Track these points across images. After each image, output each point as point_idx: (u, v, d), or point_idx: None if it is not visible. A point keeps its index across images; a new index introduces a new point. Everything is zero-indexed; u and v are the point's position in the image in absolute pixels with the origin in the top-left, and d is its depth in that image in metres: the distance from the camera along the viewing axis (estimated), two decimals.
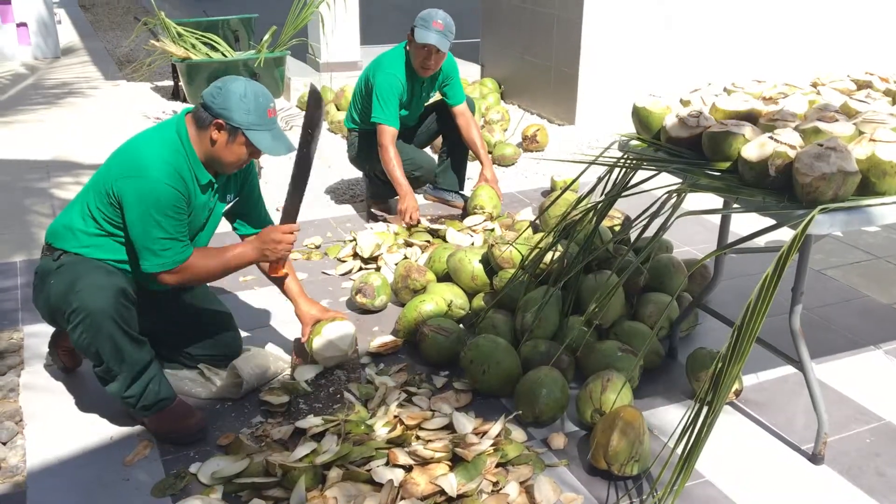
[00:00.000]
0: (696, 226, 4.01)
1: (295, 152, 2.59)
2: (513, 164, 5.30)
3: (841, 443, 2.53)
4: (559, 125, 6.28)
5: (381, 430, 2.44)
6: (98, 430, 2.56)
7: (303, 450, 2.33)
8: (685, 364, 2.82)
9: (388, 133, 3.96)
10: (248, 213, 2.80)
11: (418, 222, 3.94)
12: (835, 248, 3.99)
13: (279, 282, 2.84)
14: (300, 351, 2.87)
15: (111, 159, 2.50)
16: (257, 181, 2.82)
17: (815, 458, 2.44)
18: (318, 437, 2.44)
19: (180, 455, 2.44)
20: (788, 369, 2.81)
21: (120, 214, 2.41)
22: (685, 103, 2.65)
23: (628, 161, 2.58)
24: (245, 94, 2.41)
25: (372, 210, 4.29)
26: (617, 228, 3.35)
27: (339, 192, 4.77)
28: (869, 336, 3.16)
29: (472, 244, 3.73)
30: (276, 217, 3.00)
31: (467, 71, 7.19)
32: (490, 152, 5.36)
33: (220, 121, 2.40)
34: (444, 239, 3.82)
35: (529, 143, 5.54)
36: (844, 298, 3.48)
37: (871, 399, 2.75)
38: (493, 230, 3.87)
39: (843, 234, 4.12)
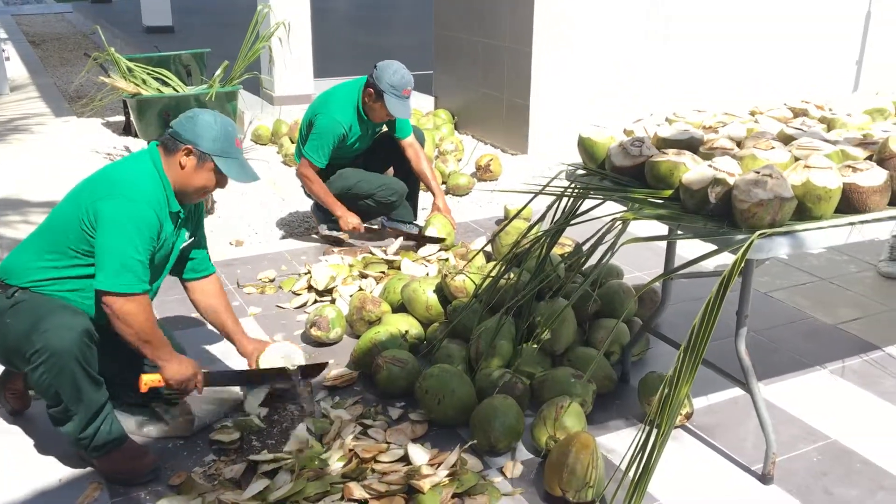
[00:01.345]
0: (646, 251, 4.08)
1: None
2: (467, 193, 5.35)
3: (790, 462, 2.58)
4: (512, 155, 6.36)
5: (336, 465, 2.42)
6: (47, 472, 2.50)
7: (255, 487, 2.31)
8: (637, 388, 2.86)
9: (312, 168, 4.11)
10: (195, 256, 2.83)
11: (365, 230, 4.19)
12: (780, 270, 4.09)
13: (213, 318, 2.88)
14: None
15: (83, 187, 2.51)
16: (204, 227, 2.87)
17: (764, 478, 2.48)
18: (272, 473, 2.42)
19: (131, 496, 2.39)
20: (738, 391, 2.87)
21: (91, 240, 2.39)
22: (628, 133, 2.71)
23: (576, 190, 2.63)
24: (214, 122, 2.54)
25: (324, 233, 4.32)
26: (580, 257, 3.40)
27: (293, 225, 4.76)
28: (815, 356, 3.23)
29: (427, 274, 3.75)
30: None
31: (421, 102, 7.26)
32: (444, 182, 5.41)
33: (189, 147, 2.50)
34: (399, 269, 3.83)
35: (483, 172, 5.60)
36: (790, 320, 3.56)
37: (818, 418, 2.82)
38: (447, 260, 3.89)
39: (789, 257, 4.22)
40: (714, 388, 2.93)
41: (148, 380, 2.51)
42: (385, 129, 4.30)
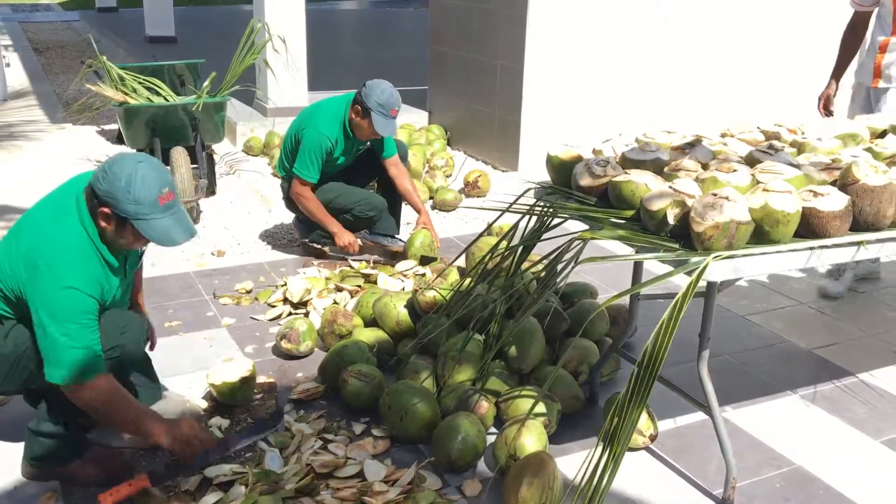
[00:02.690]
0: (622, 271, 4.06)
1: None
2: (453, 209, 5.35)
3: (751, 487, 2.56)
4: (503, 171, 6.36)
5: (291, 479, 2.41)
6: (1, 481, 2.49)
7: (208, 500, 2.30)
8: (603, 409, 2.84)
9: (306, 185, 4.09)
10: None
11: (358, 251, 4.17)
12: (761, 294, 4.07)
13: None
14: None
15: (12, 250, 2.28)
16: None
17: (724, 502, 2.46)
18: (227, 486, 2.41)
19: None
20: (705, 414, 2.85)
21: (19, 308, 2.31)
22: (597, 153, 2.71)
23: (544, 208, 2.62)
24: (132, 181, 2.20)
25: (309, 245, 4.32)
26: (541, 274, 3.39)
27: (276, 237, 4.76)
28: (786, 381, 3.21)
29: (403, 289, 3.75)
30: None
31: (415, 118, 7.28)
32: (431, 197, 5.42)
33: (105, 209, 2.23)
34: (375, 283, 3.82)
35: (471, 188, 5.60)
36: (766, 344, 3.54)
37: (784, 444, 2.79)
38: (424, 275, 3.88)
39: (769, 280, 4.21)
40: (681, 410, 2.91)
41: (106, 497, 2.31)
42: (368, 145, 4.31)
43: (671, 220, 2.18)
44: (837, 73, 4.16)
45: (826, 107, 4.16)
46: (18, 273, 2.25)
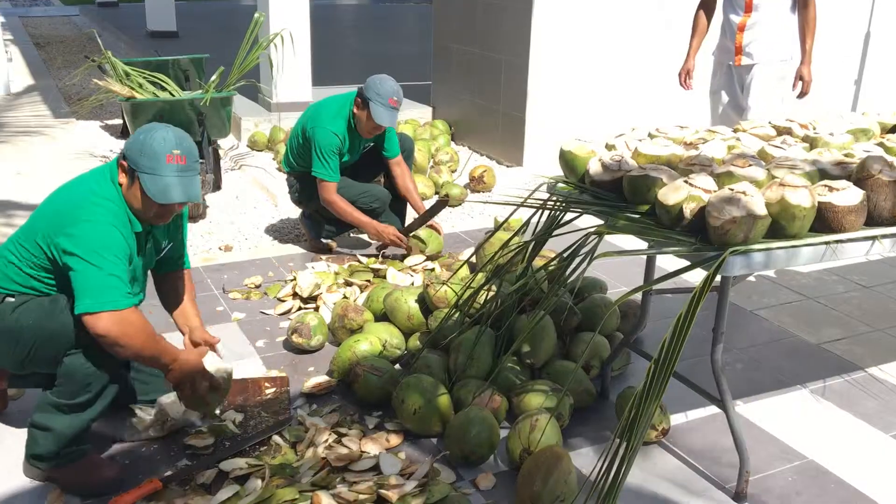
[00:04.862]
0: (632, 266, 4.08)
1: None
2: (459, 204, 5.35)
3: (764, 481, 2.57)
4: (508, 166, 6.37)
5: (307, 473, 2.42)
6: (12, 475, 2.48)
7: (224, 493, 2.31)
8: (615, 403, 2.85)
9: (331, 187, 4.08)
10: (172, 255, 2.76)
11: (401, 238, 4.10)
12: (768, 288, 4.08)
13: (174, 302, 2.82)
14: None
15: (47, 209, 2.40)
16: (186, 224, 2.80)
17: (738, 496, 2.47)
18: (243, 480, 2.41)
19: (98, 502, 2.38)
20: (718, 409, 2.85)
21: (53, 268, 2.33)
22: (609, 147, 2.72)
23: (557, 203, 2.63)
24: (149, 136, 2.34)
25: (316, 242, 4.33)
26: (556, 269, 3.39)
27: (283, 232, 4.76)
28: (796, 376, 3.22)
29: (412, 284, 3.75)
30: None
31: (419, 113, 7.28)
32: (437, 193, 5.42)
33: (123, 162, 2.36)
34: (384, 278, 3.83)
35: (476, 183, 5.61)
36: (775, 338, 3.55)
37: (796, 438, 2.80)
38: (433, 270, 3.89)
39: (776, 275, 4.22)
40: (693, 404, 2.92)
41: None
42: (373, 144, 4.31)
43: (687, 215, 2.19)
44: (693, 51, 4.56)
45: (686, 80, 4.59)
46: (51, 224, 2.30)
